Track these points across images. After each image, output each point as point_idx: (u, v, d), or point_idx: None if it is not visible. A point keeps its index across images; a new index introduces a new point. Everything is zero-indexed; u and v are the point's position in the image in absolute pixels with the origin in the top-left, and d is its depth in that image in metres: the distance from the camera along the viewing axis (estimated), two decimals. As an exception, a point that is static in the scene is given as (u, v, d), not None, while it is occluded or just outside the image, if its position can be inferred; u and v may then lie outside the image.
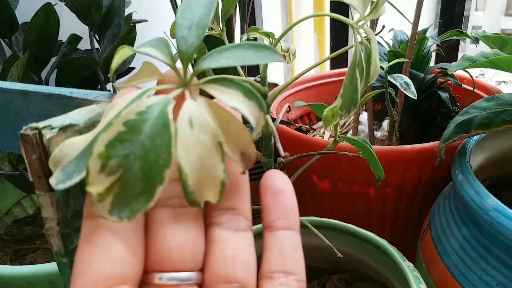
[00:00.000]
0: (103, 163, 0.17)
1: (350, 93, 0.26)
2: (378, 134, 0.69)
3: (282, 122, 0.56)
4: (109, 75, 0.61)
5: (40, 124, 0.20)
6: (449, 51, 0.78)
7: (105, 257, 0.17)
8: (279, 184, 0.21)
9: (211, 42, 0.32)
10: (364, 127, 0.68)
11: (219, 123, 0.19)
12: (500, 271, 0.36)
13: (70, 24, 0.62)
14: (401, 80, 0.48)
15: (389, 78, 0.48)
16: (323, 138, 0.71)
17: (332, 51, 1.00)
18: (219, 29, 0.33)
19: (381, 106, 0.67)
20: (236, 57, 0.20)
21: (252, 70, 1.03)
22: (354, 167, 0.53)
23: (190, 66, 0.20)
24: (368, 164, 0.39)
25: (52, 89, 0.25)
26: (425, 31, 0.64)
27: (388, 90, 0.50)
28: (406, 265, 0.40)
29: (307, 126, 0.73)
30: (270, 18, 1.09)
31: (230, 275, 0.19)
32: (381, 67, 0.57)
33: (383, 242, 0.43)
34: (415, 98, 0.47)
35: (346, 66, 0.93)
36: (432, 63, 0.70)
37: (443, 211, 0.45)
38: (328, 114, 0.28)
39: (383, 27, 0.29)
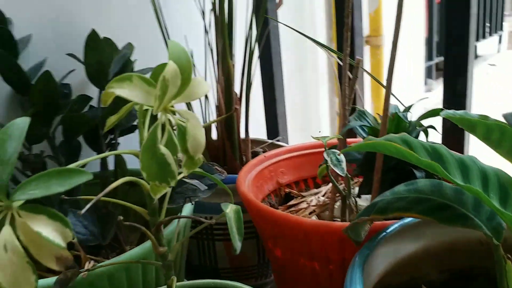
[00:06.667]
0: None
1: (155, 168, 0.32)
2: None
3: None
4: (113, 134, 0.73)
5: None
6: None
7: None
8: None
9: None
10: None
11: (30, 240, 0.27)
12: None
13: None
14: (333, 156, 0.51)
15: (324, 154, 0.51)
16: (309, 205, 0.73)
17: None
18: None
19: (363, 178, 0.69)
20: (42, 187, 0.27)
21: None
22: (296, 238, 0.56)
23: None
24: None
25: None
26: (409, 108, 0.65)
27: (328, 165, 0.53)
28: None
29: (296, 192, 0.76)
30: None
31: None
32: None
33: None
34: (343, 175, 0.50)
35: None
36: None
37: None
38: (152, 185, 0.34)
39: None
